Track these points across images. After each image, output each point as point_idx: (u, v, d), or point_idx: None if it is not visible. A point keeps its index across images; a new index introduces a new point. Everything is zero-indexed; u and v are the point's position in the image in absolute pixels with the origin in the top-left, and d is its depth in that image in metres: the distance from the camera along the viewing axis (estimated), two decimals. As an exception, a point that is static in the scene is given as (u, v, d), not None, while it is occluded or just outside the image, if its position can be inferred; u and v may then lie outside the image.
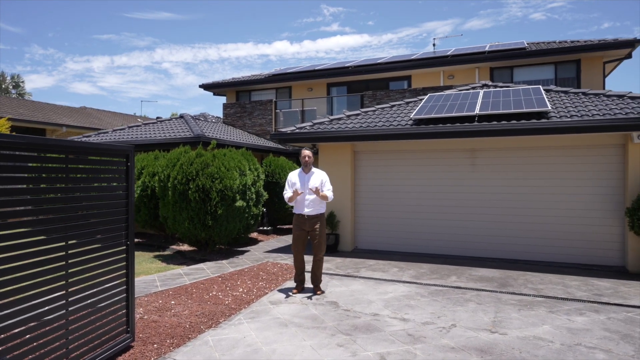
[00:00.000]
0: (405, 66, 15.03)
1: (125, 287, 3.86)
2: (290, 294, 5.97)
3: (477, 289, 6.22)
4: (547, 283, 6.55)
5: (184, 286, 6.38)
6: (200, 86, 18.61)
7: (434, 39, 24.50)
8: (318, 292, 5.97)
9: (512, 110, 7.84)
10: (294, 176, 6.10)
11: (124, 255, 3.85)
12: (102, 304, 3.57)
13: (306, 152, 6.04)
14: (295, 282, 6.14)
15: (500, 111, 7.93)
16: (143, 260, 8.75)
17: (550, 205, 8.12)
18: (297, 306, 5.41)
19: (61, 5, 71.93)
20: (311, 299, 5.73)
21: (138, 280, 6.85)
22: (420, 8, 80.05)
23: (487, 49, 14.65)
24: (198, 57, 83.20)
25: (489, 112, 8.02)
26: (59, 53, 73.31)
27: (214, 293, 6.00)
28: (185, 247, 9.99)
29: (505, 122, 7.70)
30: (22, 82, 52.36)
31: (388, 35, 77.84)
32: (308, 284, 6.32)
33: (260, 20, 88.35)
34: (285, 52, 76.20)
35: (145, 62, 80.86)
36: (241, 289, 6.24)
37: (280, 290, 6.17)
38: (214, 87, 18.40)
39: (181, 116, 14.09)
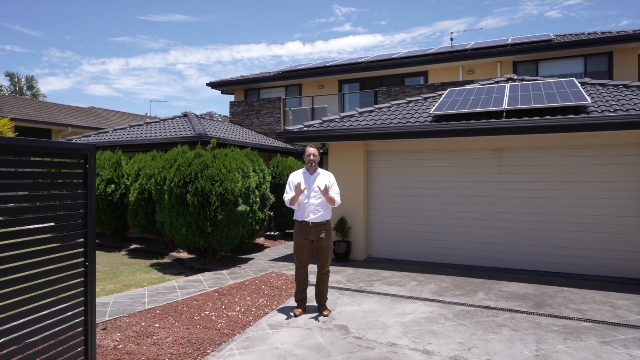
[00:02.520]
0: (422, 61, 14.16)
1: (83, 317, 3.12)
2: (293, 314, 5.19)
3: (510, 310, 5.37)
4: (590, 302, 5.66)
5: (174, 303, 5.65)
6: (208, 84, 17.97)
7: (452, 33, 23.49)
8: (325, 313, 5.18)
9: (546, 105, 6.96)
10: (297, 177, 5.31)
11: (82, 278, 3.11)
12: (49, 337, 2.83)
13: (311, 150, 5.27)
14: (296, 301, 5.36)
15: (532, 105, 7.05)
16: (138, 269, 8.08)
17: (587, 211, 7.21)
18: (300, 331, 4.64)
19: (77, 8, 72.46)
20: (317, 322, 4.94)
21: (126, 294, 6.15)
22: (433, 7, 78.73)
23: (509, 41, 13.70)
24: (211, 58, 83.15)
25: (519, 106, 7.14)
26: (76, 55, 73.82)
27: (207, 313, 5.26)
28: (185, 255, 9.29)
29: (538, 117, 6.83)
30: (36, 83, 52.63)
31: (401, 35, 76.70)
32: (311, 302, 5.53)
33: (273, 21, 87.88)
34: (298, 53, 75.59)
35: (160, 64, 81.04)
36: (238, 308, 5.48)
37: (282, 310, 5.40)
38: (222, 85, 17.74)
39: (185, 115, 13.43)
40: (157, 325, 4.77)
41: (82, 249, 3.14)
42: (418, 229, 8.39)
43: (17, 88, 50.29)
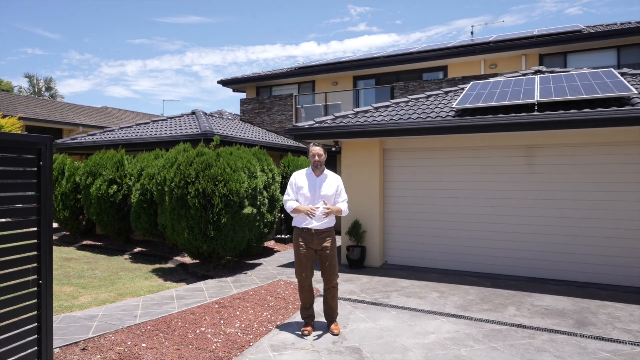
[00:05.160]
0: (441, 55, 13.41)
1: (36, 347, 2.56)
2: (299, 332, 4.58)
3: (549, 330, 4.67)
4: (640, 321, 4.93)
5: (168, 317, 5.10)
6: (219, 82, 17.50)
7: (472, 26, 22.65)
8: (335, 331, 4.56)
9: (584, 96, 6.23)
10: (300, 178, 4.64)
11: (35, 300, 2.56)
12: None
13: (315, 149, 4.57)
14: (302, 318, 4.74)
15: (568, 97, 6.32)
16: (138, 275, 7.58)
17: (630, 215, 6.44)
18: (305, 355, 4.02)
19: (96, 12, 73.28)
20: (326, 343, 4.33)
21: (118, 305, 5.62)
22: (449, 5, 77.02)
23: (535, 33, 12.88)
24: (227, 59, 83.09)
25: (553, 98, 6.42)
26: (95, 58, 74.51)
27: (203, 329, 4.68)
28: (189, 259, 8.77)
29: (576, 110, 6.10)
30: (54, 84, 53.13)
31: (416, 34, 75.25)
32: (320, 315, 4.90)
33: (288, 21, 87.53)
34: (313, 53, 74.89)
35: (176, 66, 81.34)
36: (239, 323, 4.90)
37: (288, 327, 4.80)
38: (233, 83, 17.25)
39: (193, 112, 12.95)
40: (144, 345, 4.21)
41: (35, 264, 2.59)
42: (439, 234, 7.71)
43: (36, 89, 50.91)
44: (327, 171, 4.68)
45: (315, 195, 4.52)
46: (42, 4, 65.13)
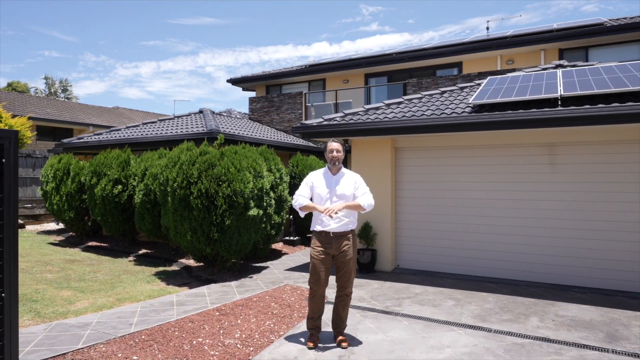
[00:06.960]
0: (456, 51, 12.96)
1: (-2, 370, 2.26)
2: (303, 345, 4.24)
3: (577, 344, 4.25)
4: (678, 335, 4.48)
5: (165, 325, 4.80)
6: (228, 81, 17.27)
7: (488, 21, 22.08)
8: (343, 344, 4.21)
9: (612, 90, 5.78)
10: (316, 177, 4.34)
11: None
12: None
13: (334, 145, 4.28)
14: (308, 329, 4.40)
15: (595, 91, 5.88)
16: (140, 278, 7.32)
17: (663, 218, 5.98)
18: (309, 371, 3.68)
19: (110, 14, 74.22)
20: (332, 358, 3.98)
21: (115, 311, 5.35)
22: (462, 4, 76.09)
23: (555, 27, 12.37)
24: (239, 60, 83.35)
25: (578, 92, 5.98)
26: (110, 60, 75.54)
27: (200, 340, 4.37)
28: (193, 262, 8.49)
29: (603, 105, 5.65)
30: (70, 85, 53.67)
31: (429, 33, 74.56)
32: (326, 325, 4.55)
33: (300, 22, 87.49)
34: (325, 53, 74.70)
35: (190, 67, 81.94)
36: (239, 333, 4.58)
37: (291, 338, 4.46)
38: (243, 82, 17.01)
39: (200, 111, 12.71)
40: (135, 357, 3.91)
41: (-2, 276, 2.28)
42: (454, 237, 7.30)
43: (52, 91, 51.48)
44: (344, 169, 4.36)
45: (332, 195, 4.19)
46: (57, 6, 66.04)
